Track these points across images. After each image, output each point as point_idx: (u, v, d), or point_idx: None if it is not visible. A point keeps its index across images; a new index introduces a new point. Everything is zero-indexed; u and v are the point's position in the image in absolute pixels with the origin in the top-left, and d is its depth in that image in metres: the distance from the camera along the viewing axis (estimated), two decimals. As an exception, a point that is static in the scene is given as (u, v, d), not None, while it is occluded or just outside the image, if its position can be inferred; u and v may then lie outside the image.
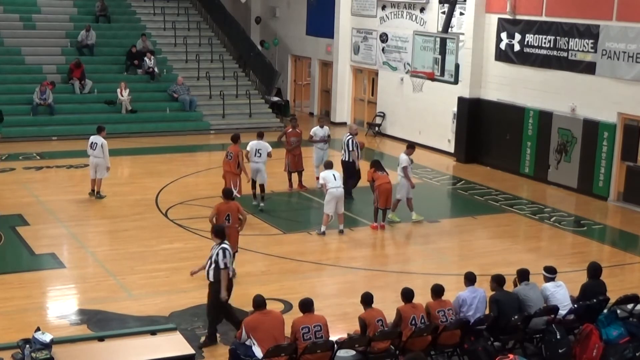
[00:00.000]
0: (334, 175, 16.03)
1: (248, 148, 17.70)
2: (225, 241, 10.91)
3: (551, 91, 20.71)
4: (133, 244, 15.24)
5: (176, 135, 25.56)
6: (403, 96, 25.89)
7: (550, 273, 10.83)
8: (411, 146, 17.33)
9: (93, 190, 18.12)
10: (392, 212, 16.92)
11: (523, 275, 10.77)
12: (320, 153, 19.29)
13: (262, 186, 17.82)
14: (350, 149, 18.23)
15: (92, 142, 17.87)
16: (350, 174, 18.31)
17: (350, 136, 18.39)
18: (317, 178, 18.42)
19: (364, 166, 18.30)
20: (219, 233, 10.98)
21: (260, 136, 17.97)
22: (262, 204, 17.71)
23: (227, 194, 13.54)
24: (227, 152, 17.15)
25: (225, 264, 10.62)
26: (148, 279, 11.12)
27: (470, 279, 10.54)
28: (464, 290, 10.47)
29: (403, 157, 16.91)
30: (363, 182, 18.25)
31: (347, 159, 18.30)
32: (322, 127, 19.48)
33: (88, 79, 26.31)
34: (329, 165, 16.57)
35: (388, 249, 16.02)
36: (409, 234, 16.51)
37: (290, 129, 19.27)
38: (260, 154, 17.62)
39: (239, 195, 16.91)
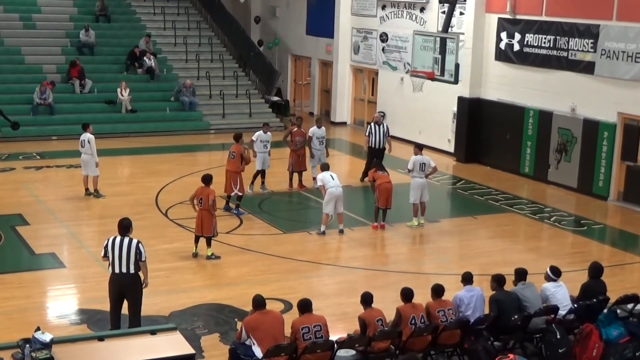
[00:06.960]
0: (331, 175, 16.06)
1: (254, 138, 18.57)
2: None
3: (551, 91, 20.71)
4: (133, 243, 15.21)
5: (176, 135, 25.54)
6: (403, 96, 25.88)
7: (555, 274, 10.78)
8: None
9: (87, 189, 18.16)
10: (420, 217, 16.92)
11: (520, 275, 10.77)
12: (317, 153, 19.30)
13: (264, 171, 18.80)
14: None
15: (81, 140, 18.00)
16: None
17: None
18: (314, 178, 18.52)
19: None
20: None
21: (266, 127, 18.97)
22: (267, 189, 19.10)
23: (205, 179, 14.37)
24: (230, 152, 17.19)
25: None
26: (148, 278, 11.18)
27: (466, 279, 10.55)
28: (461, 290, 10.48)
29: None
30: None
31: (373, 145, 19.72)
32: (319, 127, 19.50)
33: (88, 79, 26.29)
34: (325, 167, 16.61)
35: (388, 249, 16.02)
36: (409, 234, 16.50)
37: (296, 129, 19.28)
38: (266, 146, 18.59)
39: (240, 194, 16.95)
